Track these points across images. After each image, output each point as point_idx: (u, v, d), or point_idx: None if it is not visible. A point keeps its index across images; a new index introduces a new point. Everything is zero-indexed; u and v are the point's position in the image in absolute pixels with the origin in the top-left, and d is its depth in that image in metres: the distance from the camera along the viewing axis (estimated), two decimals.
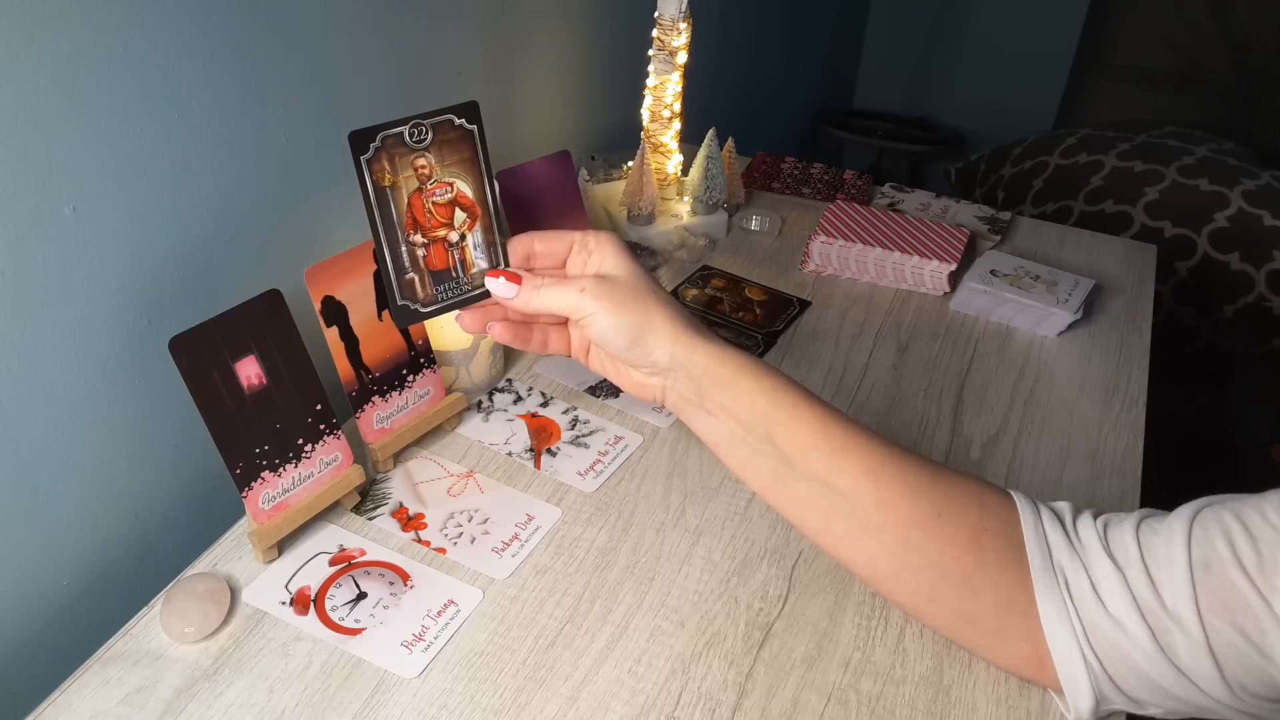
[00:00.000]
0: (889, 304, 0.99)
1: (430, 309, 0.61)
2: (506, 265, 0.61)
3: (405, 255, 0.59)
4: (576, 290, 0.57)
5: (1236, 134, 1.88)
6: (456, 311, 0.61)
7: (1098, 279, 1.02)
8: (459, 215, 0.60)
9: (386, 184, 0.57)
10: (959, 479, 0.57)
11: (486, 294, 0.61)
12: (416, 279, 0.60)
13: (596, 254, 0.59)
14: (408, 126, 0.57)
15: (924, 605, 0.58)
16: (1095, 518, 0.56)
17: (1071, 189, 1.77)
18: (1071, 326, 0.94)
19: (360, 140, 0.56)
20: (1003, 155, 1.92)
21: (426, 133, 0.58)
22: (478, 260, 0.61)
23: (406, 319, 0.61)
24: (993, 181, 1.92)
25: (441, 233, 0.60)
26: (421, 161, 0.58)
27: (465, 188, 0.60)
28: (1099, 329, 0.96)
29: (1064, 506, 0.57)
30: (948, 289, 1.00)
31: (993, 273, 0.98)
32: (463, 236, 0.60)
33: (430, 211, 0.59)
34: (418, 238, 0.59)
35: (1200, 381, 1.69)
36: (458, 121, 0.59)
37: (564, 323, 0.62)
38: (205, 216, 0.68)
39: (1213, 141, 1.78)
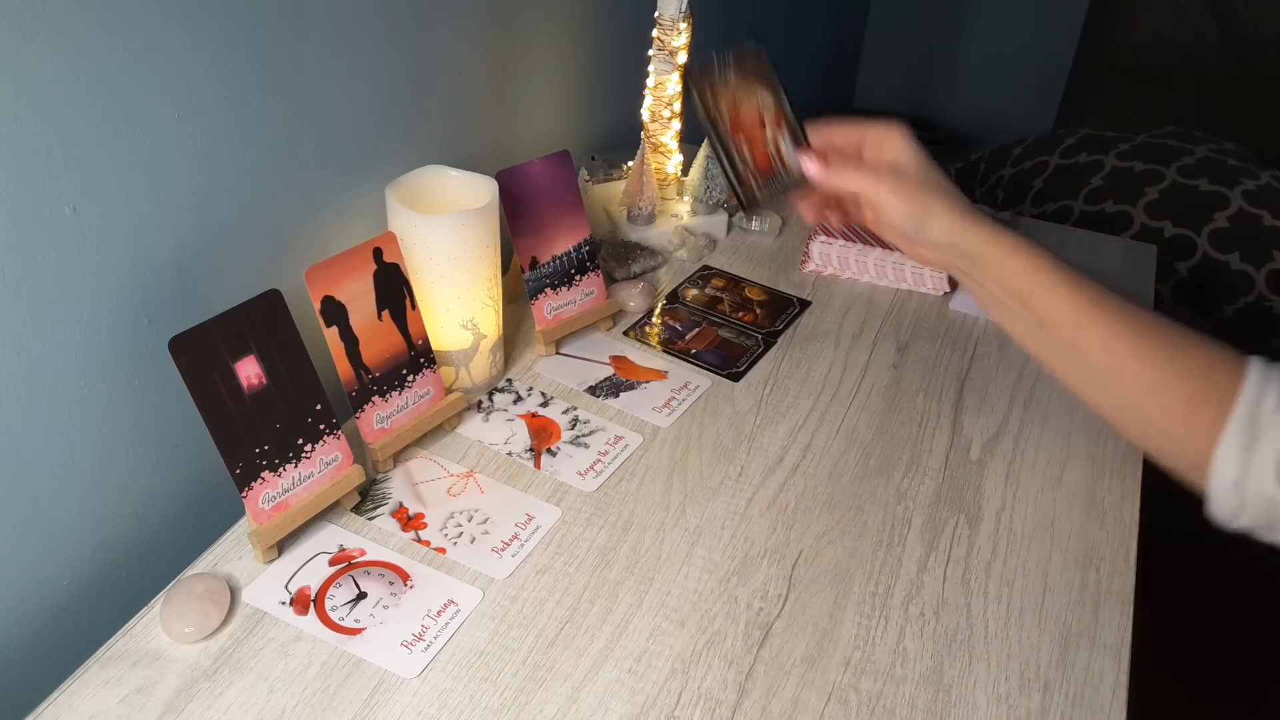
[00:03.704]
0: (889, 304, 0.99)
1: (766, 198, 0.73)
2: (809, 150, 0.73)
3: (739, 162, 0.72)
4: (873, 178, 0.68)
5: (1236, 134, 1.88)
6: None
7: (1098, 279, 1.01)
8: (768, 124, 0.73)
9: (716, 109, 0.70)
10: (1195, 352, 0.62)
11: (803, 184, 0.72)
12: (752, 180, 0.73)
13: (889, 145, 0.69)
14: (716, 60, 0.70)
15: (1123, 429, 0.68)
16: None
17: (1071, 189, 1.77)
18: None
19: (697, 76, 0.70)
20: (1003, 155, 1.92)
21: (731, 62, 0.71)
22: (790, 157, 0.73)
23: (755, 205, 0.74)
24: (993, 181, 1.92)
25: (761, 139, 0.72)
26: (734, 85, 0.71)
27: (768, 101, 0.73)
28: None
29: None
30: (948, 289, 1.00)
31: None
32: (775, 141, 0.72)
33: (749, 125, 0.72)
34: (745, 149, 0.72)
35: None
36: (750, 47, 0.71)
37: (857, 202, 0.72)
38: (205, 216, 0.68)
39: (1213, 141, 1.78)
